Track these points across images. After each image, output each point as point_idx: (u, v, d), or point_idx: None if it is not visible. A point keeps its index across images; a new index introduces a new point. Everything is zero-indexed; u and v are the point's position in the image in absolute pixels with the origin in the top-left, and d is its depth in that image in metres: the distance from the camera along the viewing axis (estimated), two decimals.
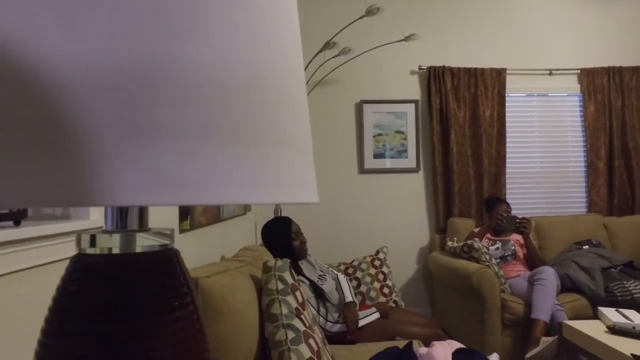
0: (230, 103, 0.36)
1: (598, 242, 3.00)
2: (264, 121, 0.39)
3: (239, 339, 1.09)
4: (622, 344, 1.70)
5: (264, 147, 0.39)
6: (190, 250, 1.66)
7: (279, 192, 0.40)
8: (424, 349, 1.17)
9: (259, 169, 0.38)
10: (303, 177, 0.46)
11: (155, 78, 0.32)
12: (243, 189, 0.36)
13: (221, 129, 0.35)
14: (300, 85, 0.47)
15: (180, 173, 0.33)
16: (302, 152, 0.46)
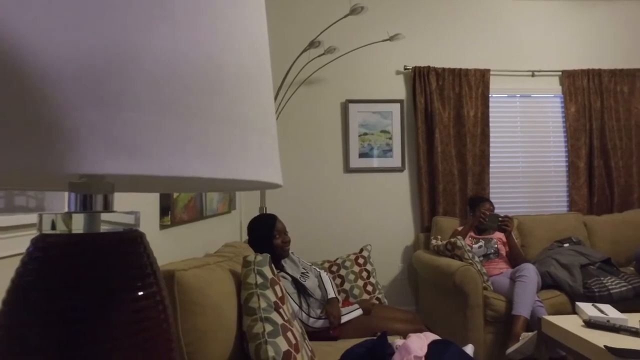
0: (190, 83, 0.37)
1: (578, 240, 3.05)
2: (224, 101, 0.40)
3: (217, 332, 1.09)
4: (597, 337, 1.74)
5: (224, 125, 0.40)
6: (172, 246, 1.65)
7: (238, 168, 0.40)
8: (400, 341, 1.18)
9: (218, 146, 0.38)
10: (266, 157, 0.47)
11: (120, 60, 0.33)
12: (201, 162, 0.36)
13: (181, 106, 0.36)
14: (263, 68, 0.48)
15: (141, 144, 0.33)
16: (264, 133, 0.47)
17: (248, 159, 0.42)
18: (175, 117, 0.35)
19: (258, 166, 0.44)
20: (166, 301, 0.51)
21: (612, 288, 2.53)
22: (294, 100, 3.26)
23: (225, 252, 1.69)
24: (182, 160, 0.35)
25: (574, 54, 3.59)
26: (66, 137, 0.31)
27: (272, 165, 0.49)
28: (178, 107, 0.36)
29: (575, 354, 1.83)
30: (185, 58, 0.37)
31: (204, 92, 0.38)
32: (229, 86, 0.41)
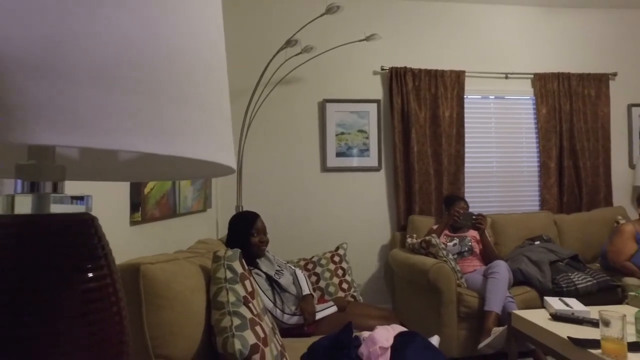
0: (137, 61, 0.37)
1: (548, 238, 3.14)
2: (173, 80, 0.41)
3: (184, 326, 1.08)
4: (562, 329, 1.79)
5: (172, 104, 0.40)
6: (143, 243, 1.63)
7: (186, 147, 0.40)
8: (367, 333, 1.20)
9: (165, 123, 0.39)
10: (217, 139, 0.48)
11: (64, 36, 0.33)
12: (145, 138, 0.36)
13: (127, 82, 0.36)
14: (215, 51, 0.49)
15: (84, 118, 0.33)
16: (216, 114, 0.47)
17: (197, 138, 0.43)
18: (120, 93, 0.35)
19: (208, 147, 0.45)
20: (118, 286, 0.50)
21: (579, 283, 2.61)
22: (271, 99, 3.26)
23: (197, 248, 1.68)
24: (125, 134, 0.35)
25: (545, 57, 3.70)
26: (10, 109, 0.31)
27: (224, 148, 0.50)
28: (124, 83, 0.36)
29: (542, 346, 1.88)
30: (132, 36, 0.37)
31: (151, 70, 0.38)
32: (178, 66, 0.41)
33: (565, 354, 1.72)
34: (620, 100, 3.77)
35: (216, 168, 0.58)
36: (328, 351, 1.07)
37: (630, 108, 3.77)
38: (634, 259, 2.74)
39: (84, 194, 0.50)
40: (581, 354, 1.61)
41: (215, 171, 0.60)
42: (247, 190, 3.25)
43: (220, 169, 0.57)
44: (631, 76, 3.79)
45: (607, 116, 3.64)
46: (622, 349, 1.48)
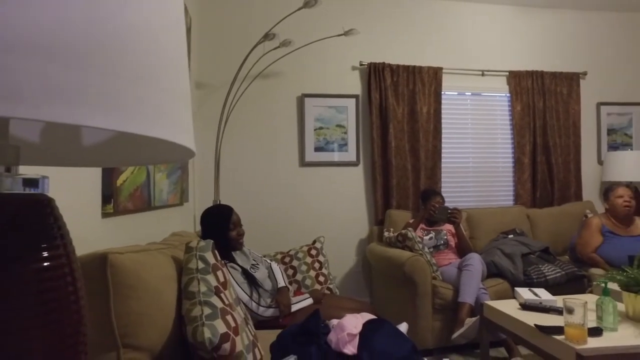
0: (86, 35, 0.38)
1: (521, 231, 3.23)
2: (125, 58, 0.41)
3: (154, 316, 1.08)
4: (530, 318, 1.85)
5: (124, 80, 0.40)
6: (115, 235, 1.61)
7: (138, 123, 0.41)
8: (336, 321, 1.22)
9: (117, 99, 0.39)
10: (177, 120, 0.48)
11: (7, 7, 0.33)
12: (92, 112, 0.36)
13: (75, 56, 0.36)
14: (174, 32, 0.49)
15: (26, 89, 0.33)
16: (173, 95, 0.48)
17: (154, 117, 0.43)
18: (63, 67, 0.35)
19: (167, 127, 0.45)
20: (75, 266, 0.50)
21: (549, 274, 2.69)
22: (249, 94, 3.25)
23: (170, 240, 1.67)
24: (69, 107, 0.35)
25: (520, 56, 3.78)
26: None
27: (184, 129, 0.50)
28: (67, 57, 0.36)
29: (513, 334, 1.94)
30: (81, 10, 0.37)
31: (97, 45, 0.38)
32: (129, 44, 0.42)
33: (532, 341, 1.78)
34: (590, 98, 3.89)
35: (176, 151, 0.58)
36: (296, 338, 1.09)
37: (599, 106, 3.90)
38: (599, 250, 2.84)
39: (39, 175, 0.50)
40: (547, 340, 1.67)
41: (175, 154, 0.60)
42: (225, 185, 3.23)
43: (180, 151, 0.58)
44: (600, 76, 3.91)
45: (577, 114, 3.75)
46: (583, 334, 1.54)
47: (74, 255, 0.51)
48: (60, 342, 0.46)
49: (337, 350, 1.08)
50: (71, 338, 0.47)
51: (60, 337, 0.46)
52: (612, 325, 1.67)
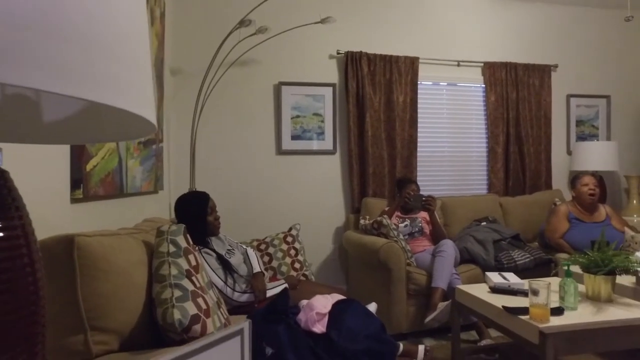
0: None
1: (494, 219, 3.31)
2: (78, 22, 0.40)
3: (124, 299, 1.07)
4: (499, 300, 1.91)
5: (78, 46, 0.40)
6: (85, 221, 1.58)
7: (90, 88, 0.40)
8: (305, 301, 1.24)
9: (70, 63, 0.38)
10: (135, 91, 0.48)
11: None
12: (41, 74, 0.36)
13: (24, 19, 0.36)
14: (132, 3, 0.49)
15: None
16: (135, 68, 0.48)
17: (108, 85, 0.43)
18: (14, 29, 0.35)
19: (119, 94, 0.45)
20: (33, 246, 0.50)
21: (518, 260, 2.78)
22: (225, 81, 3.21)
23: (142, 225, 1.65)
24: (16, 68, 0.35)
25: (494, 47, 3.85)
26: None
27: (143, 102, 0.50)
28: (9, 16, 0.35)
29: (483, 317, 2.00)
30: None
31: (44, 9, 0.38)
32: (86, 11, 0.41)
33: (500, 322, 1.84)
34: (561, 90, 4.00)
35: (137, 125, 0.58)
36: (265, 317, 1.10)
37: (569, 98, 4.01)
38: (566, 236, 2.95)
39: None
40: (513, 320, 1.73)
41: (137, 130, 0.60)
42: (201, 173, 3.20)
43: (141, 126, 0.58)
44: (570, 68, 4.02)
45: (548, 105, 3.86)
46: (546, 313, 1.61)
47: (31, 227, 0.51)
48: (14, 312, 0.45)
49: (306, 329, 1.11)
50: (26, 309, 0.47)
51: (14, 308, 0.45)
52: (573, 305, 1.75)
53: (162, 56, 2.66)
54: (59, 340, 0.97)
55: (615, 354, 2.38)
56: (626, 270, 1.87)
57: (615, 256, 1.85)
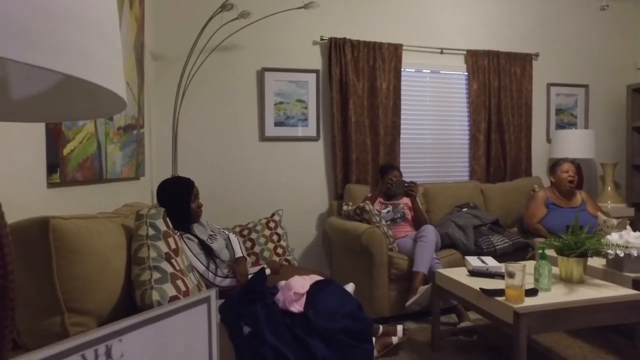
0: None
1: (475, 205, 3.37)
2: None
3: (101, 281, 1.07)
4: (477, 282, 1.97)
5: (44, 17, 0.39)
6: (63, 206, 1.56)
7: (56, 58, 0.40)
8: (283, 282, 1.25)
9: (32, 33, 0.38)
10: (103, 64, 0.47)
11: None
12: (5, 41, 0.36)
13: None
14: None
15: None
16: (101, 41, 0.47)
17: (72, 53, 0.42)
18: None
19: (81, 63, 0.44)
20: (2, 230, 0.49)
21: (497, 245, 2.85)
22: (207, 67, 3.17)
23: (122, 210, 1.64)
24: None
25: (476, 35, 3.87)
26: None
27: (113, 76, 0.50)
28: None
29: (462, 299, 2.05)
30: None
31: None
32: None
33: (478, 304, 1.89)
34: (541, 79, 4.05)
35: (107, 101, 0.58)
36: (242, 297, 1.11)
37: (549, 87, 4.08)
38: (543, 221, 3.02)
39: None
40: (490, 302, 1.79)
41: (107, 106, 0.59)
42: (183, 159, 3.17)
43: (111, 101, 0.57)
44: (551, 57, 4.08)
45: (529, 94, 3.91)
46: (521, 294, 1.66)
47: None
48: None
49: (284, 309, 1.12)
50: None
51: None
52: (547, 286, 1.80)
53: (142, 40, 2.61)
54: (36, 323, 0.96)
55: (584, 331, 2.47)
56: (597, 252, 1.94)
57: (588, 239, 1.91)
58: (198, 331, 0.39)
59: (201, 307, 0.40)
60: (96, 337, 0.30)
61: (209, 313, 0.40)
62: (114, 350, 0.30)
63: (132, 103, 2.43)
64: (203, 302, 0.40)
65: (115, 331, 0.31)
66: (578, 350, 2.25)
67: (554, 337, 2.42)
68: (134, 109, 2.46)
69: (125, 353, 0.31)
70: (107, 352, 0.29)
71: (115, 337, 0.31)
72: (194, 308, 0.39)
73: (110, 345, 0.30)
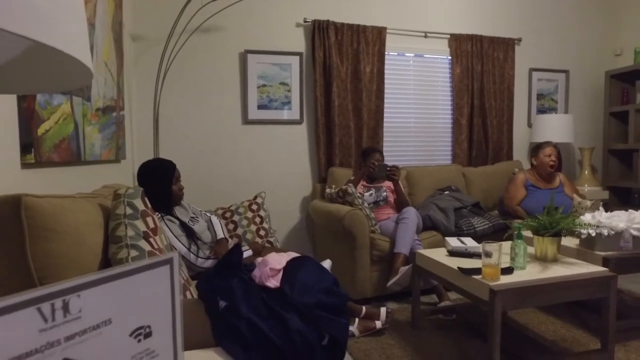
0: None
1: (456, 188, 3.42)
2: None
3: (78, 260, 1.07)
4: (455, 262, 2.01)
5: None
6: (38, 188, 1.54)
7: (20, 21, 0.39)
8: (260, 258, 1.27)
9: None
10: (63, 26, 0.47)
11: None
12: None
13: None
14: None
15: None
16: (62, 4, 0.46)
17: (30, 15, 0.42)
18: None
19: (50, 30, 0.43)
20: None
21: (477, 226, 2.90)
22: (190, 48, 3.11)
23: (100, 191, 1.62)
24: None
25: (460, 19, 3.87)
26: None
27: (76, 42, 0.49)
28: None
29: (440, 279, 2.10)
30: None
31: None
32: None
33: (456, 283, 1.94)
34: (523, 64, 4.09)
35: (71, 71, 0.57)
36: (219, 271, 1.13)
37: (531, 72, 4.12)
38: (523, 203, 3.09)
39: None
40: (467, 280, 1.83)
41: (71, 77, 0.59)
42: (165, 142, 3.14)
43: (75, 71, 0.56)
44: (533, 42, 4.11)
45: (512, 78, 3.95)
46: (497, 272, 1.70)
47: None
48: None
49: (260, 284, 1.14)
50: None
51: None
52: (522, 265, 1.86)
53: (120, 19, 2.55)
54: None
55: (557, 308, 2.57)
56: (571, 232, 2.00)
57: (562, 219, 1.96)
58: (161, 292, 0.39)
59: (164, 267, 0.40)
60: (52, 291, 0.30)
61: (171, 274, 0.40)
62: (72, 305, 0.31)
63: (111, 84, 2.38)
64: (166, 263, 0.41)
65: (74, 286, 0.32)
66: (551, 326, 2.34)
67: (529, 314, 2.50)
68: (113, 91, 2.42)
69: (83, 308, 0.32)
70: (65, 307, 0.30)
71: (73, 292, 0.31)
72: (157, 268, 0.40)
73: (68, 300, 0.30)
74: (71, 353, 0.31)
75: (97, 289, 0.34)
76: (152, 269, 0.39)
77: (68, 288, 0.31)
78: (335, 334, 1.06)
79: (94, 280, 0.34)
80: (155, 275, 0.39)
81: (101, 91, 2.20)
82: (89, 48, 0.55)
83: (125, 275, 0.36)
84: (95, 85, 2.11)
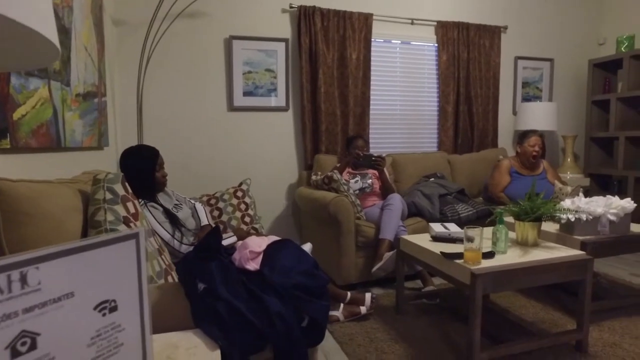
0: None
1: (442, 175, 3.45)
2: None
3: (54, 244, 1.06)
4: (439, 247, 2.04)
5: None
6: (15, 174, 1.51)
7: None
8: (240, 242, 1.27)
9: None
10: (32, 3, 0.45)
11: None
12: None
13: None
14: None
15: None
16: None
17: None
18: None
19: (12, 4, 0.42)
20: None
21: (462, 213, 2.94)
22: (174, 33, 3.06)
23: (80, 177, 1.60)
24: None
25: (448, 6, 3.87)
26: None
27: (39, 16, 0.48)
28: None
29: (424, 264, 2.12)
30: None
31: None
32: None
33: (439, 267, 1.97)
34: (509, 52, 4.12)
35: (37, 48, 0.56)
36: (198, 254, 1.12)
37: (517, 60, 4.15)
38: (507, 190, 3.13)
39: None
40: (450, 265, 1.86)
41: (37, 55, 0.57)
42: (149, 130, 3.10)
43: (41, 49, 0.55)
44: (519, 30, 4.13)
45: (497, 66, 3.97)
46: (478, 256, 1.73)
47: None
48: None
49: (240, 267, 1.14)
50: None
51: None
52: (503, 249, 1.89)
53: (100, 2, 2.49)
54: None
55: (537, 292, 2.63)
56: (551, 217, 2.03)
57: (543, 205, 2.00)
58: (126, 266, 0.39)
59: (129, 242, 0.40)
60: (9, 263, 0.30)
61: (137, 249, 0.40)
62: (30, 277, 0.30)
63: (92, 70, 2.33)
64: (131, 238, 0.40)
65: (32, 258, 0.31)
66: (531, 309, 2.39)
67: (510, 298, 2.55)
68: (95, 76, 2.37)
69: (42, 281, 0.32)
70: (22, 279, 0.30)
71: (32, 264, 0.31)
72: (122, 243, 0.39)
73: (26, 272, 0.30)
74: (30, 325, 0.31)
75: (57, 261, 0.33)
76: (117, 243, 0.38)
77: (25, 260, 0.31)
78: (315, 316, 1.07)
79: (54, 253, 0.33)
80: (120, 250, 0.38)
81: (81, 76, 2.15)
82: (55, 25, 0.54)
83: (87, 249, 0.36)
84: (75, 70, 2.06)
